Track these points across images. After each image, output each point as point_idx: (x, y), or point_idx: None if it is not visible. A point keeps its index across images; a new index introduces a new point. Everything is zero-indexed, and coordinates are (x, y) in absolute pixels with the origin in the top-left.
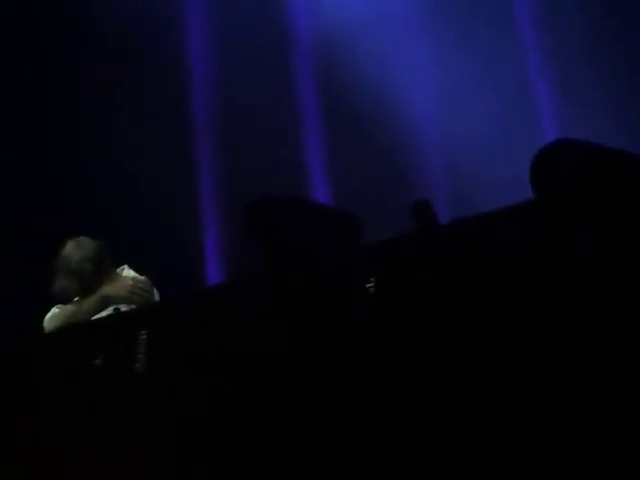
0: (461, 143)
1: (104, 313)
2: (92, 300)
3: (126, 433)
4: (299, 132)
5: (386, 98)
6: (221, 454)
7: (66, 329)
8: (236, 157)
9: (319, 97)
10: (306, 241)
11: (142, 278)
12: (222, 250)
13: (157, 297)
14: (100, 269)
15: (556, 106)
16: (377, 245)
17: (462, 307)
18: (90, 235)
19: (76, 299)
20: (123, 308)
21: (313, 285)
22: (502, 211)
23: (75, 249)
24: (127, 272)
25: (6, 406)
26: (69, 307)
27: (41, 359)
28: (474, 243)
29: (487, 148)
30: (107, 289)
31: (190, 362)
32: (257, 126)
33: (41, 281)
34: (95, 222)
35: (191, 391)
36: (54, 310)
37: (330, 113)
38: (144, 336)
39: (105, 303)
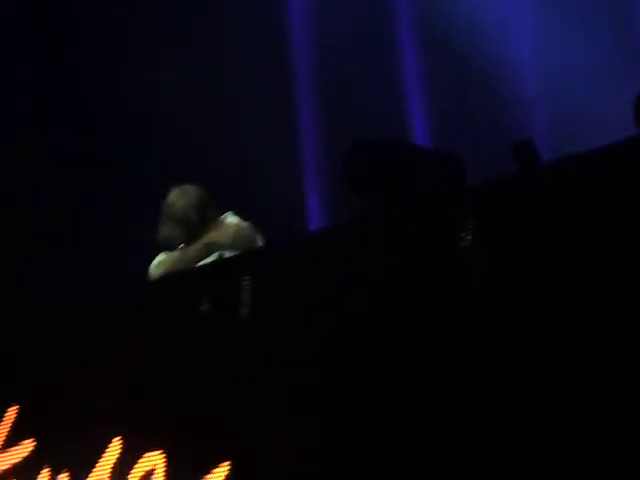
0: (563, 82)
1: (209, 259)
2: (197, 247)
3: (231, 378)
4: (399, 73)
5: (487, 36)
6: (324, 399)
7: (172, 276)
8: (335, 100)
9: (419, 37)
10: (408, 186)
11: (246, 224)
12: (324, 197)
13: (261, 243)
14: (204, 216)
15: None
16: (479, 186)
17: (566, 248)
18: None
19: (181, 246)
20: (227, 254)
21: (416, 229)
22: (605, 149)
23: (180, 197)
24: (231, 219)
25: (114, 351)
26: (174, 254)
27: (148, 305)
28: (577, 182)
29: (589, 86)
30: (211, 236)
31: (294, 307)
32: (355, 68)
33: (147, 229)
34: (197, 174)
35: (295, 336)
36: (160, 257)
37: (430, 53)
38: (248, 282)
39: (210, 250)
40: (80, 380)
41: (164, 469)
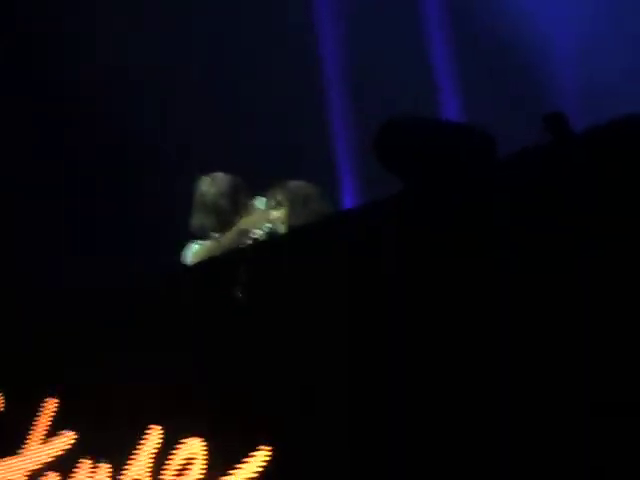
0: (597, 60)
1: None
2: (230, 235)
3: (271, 361)
4: (428, 50)
5: (520, 11)
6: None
7: (206, 263)
8: (365, 78)
9: (450, 15)
10: (440, 161)
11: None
12: (356, 172)
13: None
14: (236, 203)
15: None
16: (511, 159)
17: (604, 224)
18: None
19: (215, 235)
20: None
21: (449, 206)
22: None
23: (210, 185)
24: (262, 203)
25: (150, 338)
26: (209, 243)
27: (184, 291)
28: (611, 150)
29: (623, 61)
30: (244, 223)
31: (327, 289)
32: (383, 46)
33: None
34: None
35: (331, 321)
36: (194, 247)
37: (460, 29)
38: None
39: (243, 237)
40: (117, 369)
41: (204, 455)
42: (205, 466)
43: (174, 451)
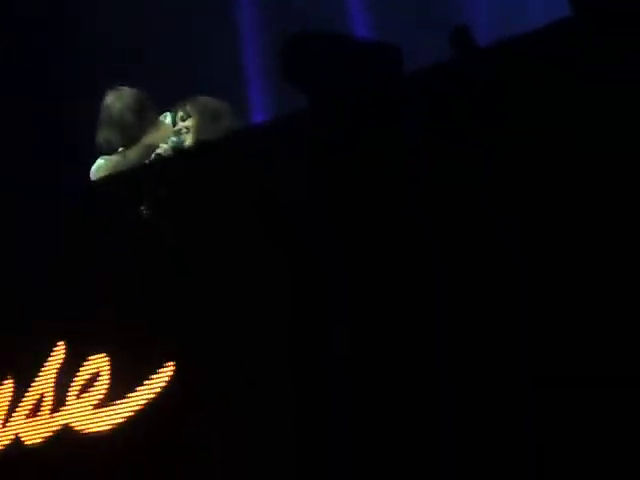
0: None
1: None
2: (136, 150)
3: (172, 279)
4: None
5: None
6: (271, 297)
7: (110, 178)
8: None
9: None
10: (345, 76)
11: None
12: (266, 89)
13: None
14: (142, 118)
15: None
16: (419, 72)
17: (509, 133)
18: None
19: (120, 149)
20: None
21: (353, 122)
22: (541, 30)
23: (116, 100)
24: (170, 119)
25: (54, 254)
26: (114, 157)
27: (88, 209)
28: (516, 63)
29: None
30: (150, 138)
31: (228, 204)
32: None
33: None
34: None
35: (236, 236)
36: (99, 161)
37: None
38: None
39: (149, 152)
40: (23, 285)
41: (109, 372)
42: (110, 382)
43: (79, 367)
